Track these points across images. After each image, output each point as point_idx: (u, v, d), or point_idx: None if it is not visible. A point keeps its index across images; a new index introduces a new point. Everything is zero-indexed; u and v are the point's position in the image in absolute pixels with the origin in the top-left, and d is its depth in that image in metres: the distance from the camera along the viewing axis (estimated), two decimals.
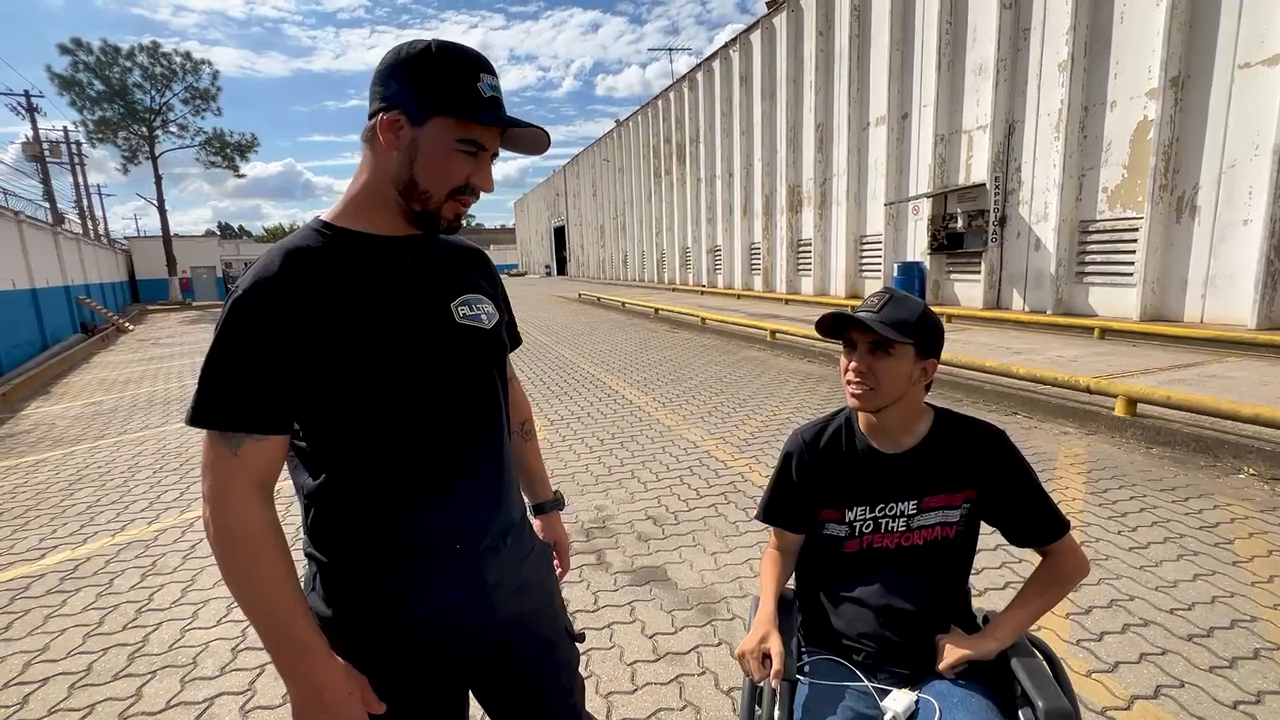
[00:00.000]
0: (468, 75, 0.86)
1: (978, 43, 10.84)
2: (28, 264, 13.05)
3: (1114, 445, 4.35)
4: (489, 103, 0.87)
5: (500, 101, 0.89)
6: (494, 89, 0.89)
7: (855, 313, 1.20)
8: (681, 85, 23.12)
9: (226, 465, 0.81)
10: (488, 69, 0.88)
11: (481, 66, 0.87)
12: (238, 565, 0.82)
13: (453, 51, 0.86)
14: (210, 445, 0.82)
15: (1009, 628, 1.21)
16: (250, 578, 0.82)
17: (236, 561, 0.82)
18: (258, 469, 0.83)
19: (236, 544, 0.81)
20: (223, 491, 0.81)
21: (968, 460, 1.25)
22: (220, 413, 0.81)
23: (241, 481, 0.81)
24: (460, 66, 0.86)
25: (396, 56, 0.87)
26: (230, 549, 0.81)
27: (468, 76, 0.86)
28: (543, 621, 1.08)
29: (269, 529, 0.83)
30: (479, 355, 0.97)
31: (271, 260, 0.84)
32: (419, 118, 0.85)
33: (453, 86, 0.85)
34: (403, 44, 0.88)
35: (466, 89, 0.85)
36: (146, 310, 25.36)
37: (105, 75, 23.84)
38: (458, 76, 0.85)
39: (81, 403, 7.53)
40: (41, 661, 2.36)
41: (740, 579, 2.74)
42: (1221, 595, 2.45)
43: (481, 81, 0.87)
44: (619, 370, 7.94)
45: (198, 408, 0.81)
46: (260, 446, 0.82)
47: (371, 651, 0.92)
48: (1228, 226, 7.81)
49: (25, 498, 4.21)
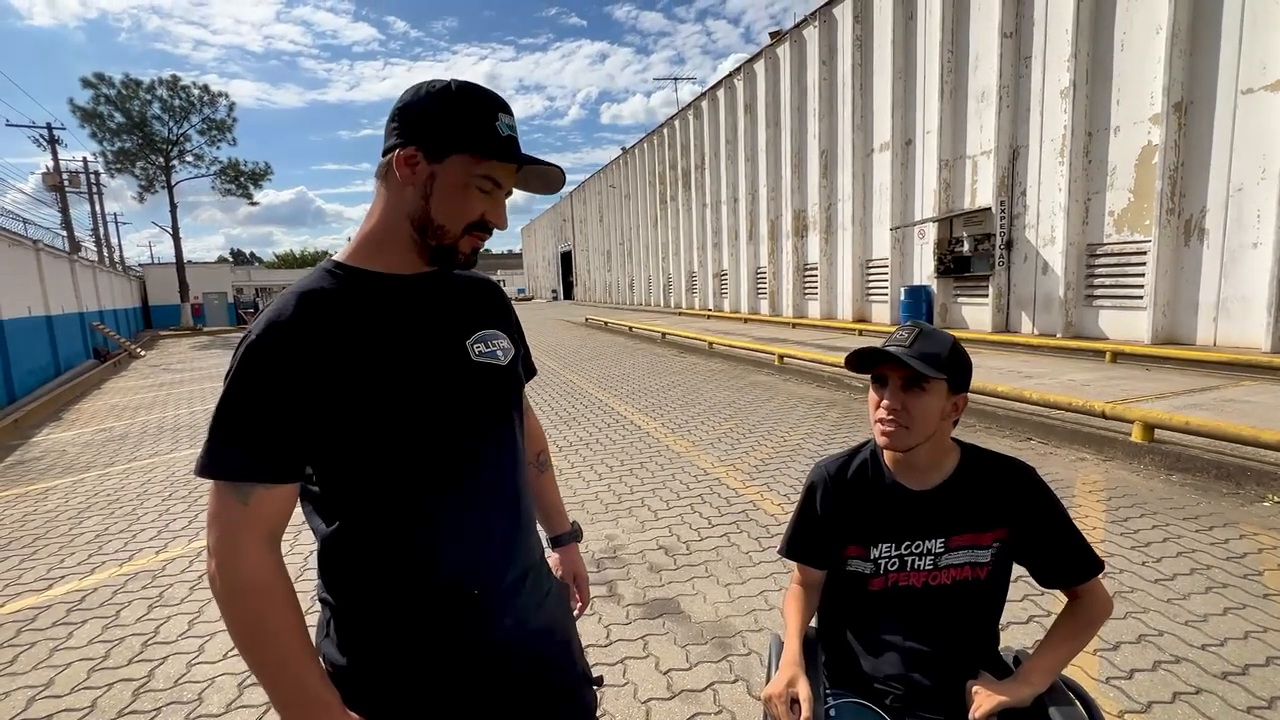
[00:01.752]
0: (486, 114, 0.87)
1: (979, 70, 11.00)
2: (44, 291, 13.25)
3: (1132, 472, 4.27)
4: (507, 141, 0.88)
5: (517, 141, 0.90)
6: (511, 128, 0.89)
7: (886, 347, 1.18)
8: (687, 113, 23.52)
9: (236, 515, 0.79)
10: (505, 109, 0.89)
11: (499, 106, 0.88)
12: (247, 618, 0.79)
13: (472, 91, 0.87)
14: (218, 495, 0.79)
15: (1043, 672, 1.16)
16: (260, 631, 0.79)
17: (246, 614, 0.79)
18: (267, 517, 0.80)
19: (247, 596, 0.78)
20: (232, 543, 0.78)
21: (997, 498, 1.22)
22: (229, 463, 0.79)
23: (251, 532, 0.79)
24: (479, 105, 0.87)
25: (416, 94, 0.87)
26: (240, 601, 0.78)
27: (487, 115, 0.87)
28: (562, 667, 1.05)
29: (280, 579, 0.81)
30: (495, 393, 0.96)
31: (286, 304, 0.83)
32: (437, 154, 0.85)
33: (471, 124, 0.86)
34: (422, 83, 0.89)
35: (485, 127, 0.86)
36: (159, 336, 25.64)
37: (126, 108, 24.48)
38: (477, 115, 0.86)
39: (92, 429, 7.56)
40: (46, 697, 2.32)
41: (755, 611, 2.68)
42: (1255, 630, 2.37)
43: (500, 121, 0.87)
44: (627, 395, 7.91)
45: (208, 458, 0.79)
46: (271, 495, 0.80)
47: (386, 701, 0.89)
48: (1238, 250, 7.79)
49: (34, 526, 4.20)
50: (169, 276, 30.10)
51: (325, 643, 0.92)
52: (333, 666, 0.90)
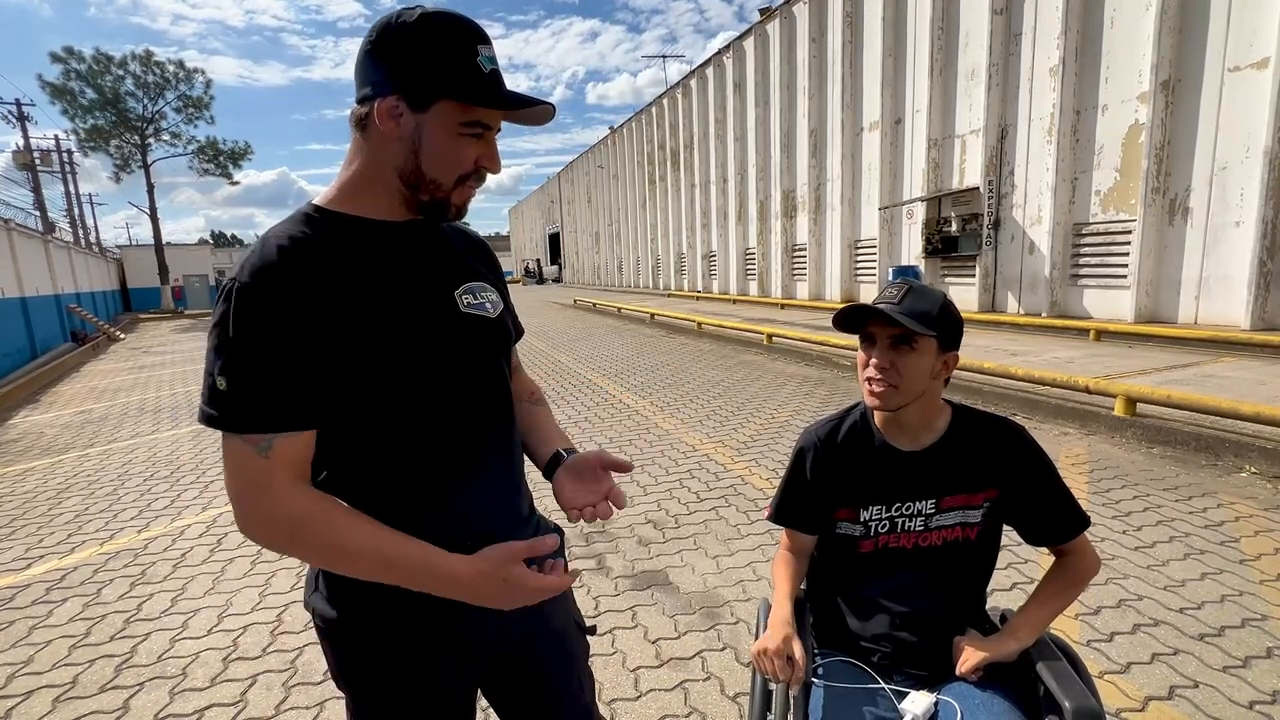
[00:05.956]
0: (466, 50, 0.79)
1: (969, 48, 10.92)
2: (17, 272, 12.92)
3: (1114, 445, 4.33)
4: (491, 79, 0.81)
5: (500, 75, 0.83)
6: (492, 61, 0.82)
7: (875, 304, 1.15)
8: (675, 92, 23.22)
9: (258, 465, 0.75)
10: (483, 39, 0.82)
11: (479, 38, 0.81)
12: (319, 549, 0.77)
13: (449, 22, 0.79)
14: (237, 450, 0.75)
15: (1029, 627, 1.17)
16: (343, 552, 0.77)
17: (315, 546, 0.77)
18: (292, 462, 0.77)
19: (304, 531, 0.76)
20: (265, 485, 0.75)
21: (988, 458, 1.21)
22: (246, 415, 0.74)
23: (281, 477, 0.76)
24: (459, 40, 0.79)
25: (386, 31, 0.79)
26: (301, 540, 0.77)
27: (466, 51, 0.79)
28: (554, 614, 1.04)
29: (323, 501, 0.78)
30: (485, 345, 0.93)
31: (268, 249, 0.79)
32: (421, 103, 0.79)
33: (453, 65, 0.78)
34: (390, 15, 0.80)
35: (468, 66, 0.79)
36: (138, 319, 25.16)
37: (97, 84, 23.77)
38: (456, 52, 0.79)
39: (71, 411, 7.42)
40: (26, 674, 2.29)
41: (743, 582, 2.69)
42: (1230, 594, 2.42)
43: (480, 55, 0.80)
44: (616, 375, 7.89)
45: (219, 409, 0.74)
46: (292, 440, 0.77)
47: (379, 652, 0.88)
48: (1220, 228, 7.86)
49: (11, 507, 4.12)
50: (148, 258, 29.50)
51: (315, 596, 0.90)
52: (323, 620, 0.89)
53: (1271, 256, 7.33)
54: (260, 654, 2.33)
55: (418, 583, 0.79)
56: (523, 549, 0.80)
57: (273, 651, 2.35)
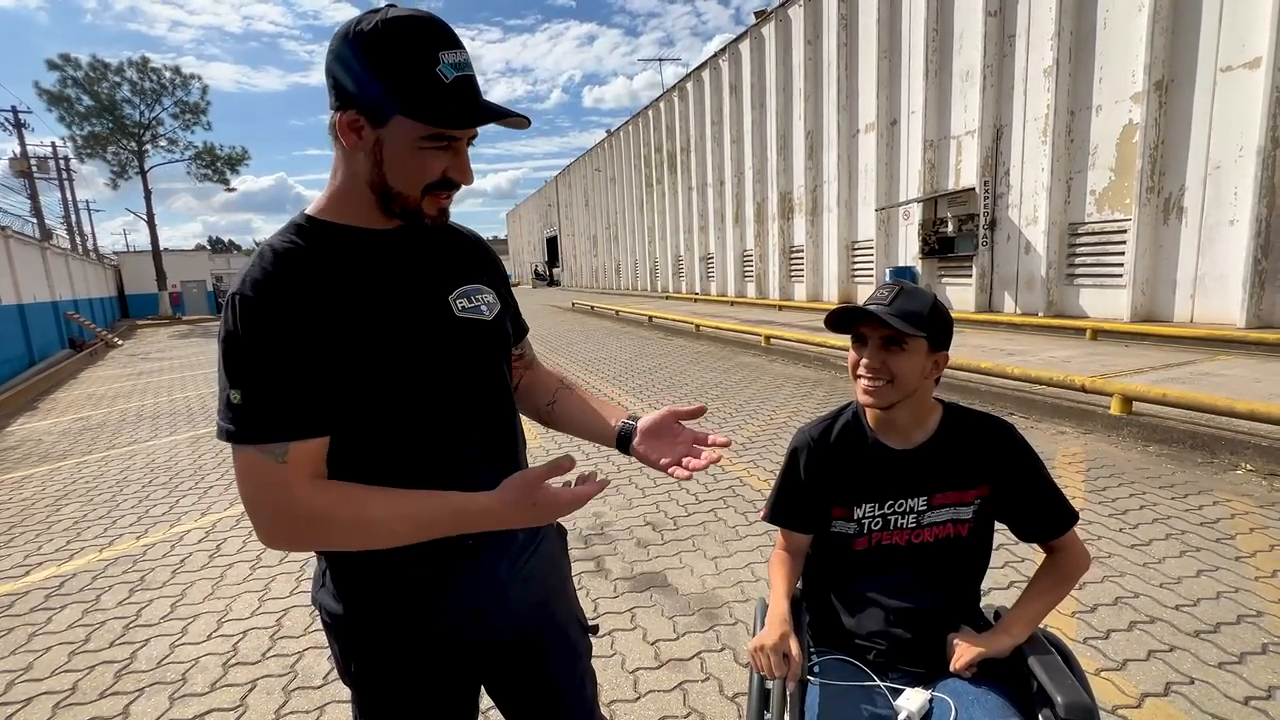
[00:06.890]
0: (425, 60, 0.75)
1: (964, 49, 10.98)
2: (14, 280, 12.89)
3: (1111, 444, 4.35)
4: (455, 89, 0.76)
5: (470, 81, 0.78)
6: (458, 67, 0.77)
7: (867, 305, 1.17)
8: (672, 95, 23.28)
9: (275, 471, 0.76)
10: (449, 43, 0.77)
11: (442, 43, 0.76)
12: (344, 521, 0.78)
13: (408, 28, 0.75)
14: (250, 458, 0.76)
15: (1022, 623, 1.18)
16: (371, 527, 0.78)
17: (339, 529, 0.78)
18: (307, 462, 0.78)
19: (329, 512, 0.77)
20: (284, 488, 0.76)
21: (979, 456, 1.23)
22: (260, 426, 0.75)
23: (300, 478, 0.77)
24: (417, 48, 0.75)
25: (345, 38, 0.76)
26: (326, 529, 0.78)
27: (426, 61, 0.75)
28: (556, 610, 1.05)
29: (337, 486, 0.80)
30: (482, 348, 0.94)
31: (265, 260, 0.80)
32: (378, 119, 0.77)
33: (408, 79, 0.75)
34: (351, 21, 0.78)
35: (426, 79, 0.75)
36: (136, 325, 25.12)
37: (94, 90, 23.72)
38: (415, 62, 0.75)
39: (69, 418, 7.41)
40: (25, 681, 2.29)
41: (742, 583, 2.70)
42: (1226, 591, 2.43)
43: (442, 64, 0.75)
44: (615, 378, 7.90)
45: (235, 423, 0.75)
46: (306, 446, 0.78)
47: (384, 647, 0.89)
48: (1215, 227, 7.90)
49: (9, 514, 4.12)
50: (145, 265, 29.41)
51: (322, 593, 0.91)
52: (330, 615, 0.90)
53: (1266, 255, 7.37)
54: (260, 659, 2.34)
55: (454, 529, 0.81)
56: (540, 473, 0.81)
57: (272, 656, 2.35)
